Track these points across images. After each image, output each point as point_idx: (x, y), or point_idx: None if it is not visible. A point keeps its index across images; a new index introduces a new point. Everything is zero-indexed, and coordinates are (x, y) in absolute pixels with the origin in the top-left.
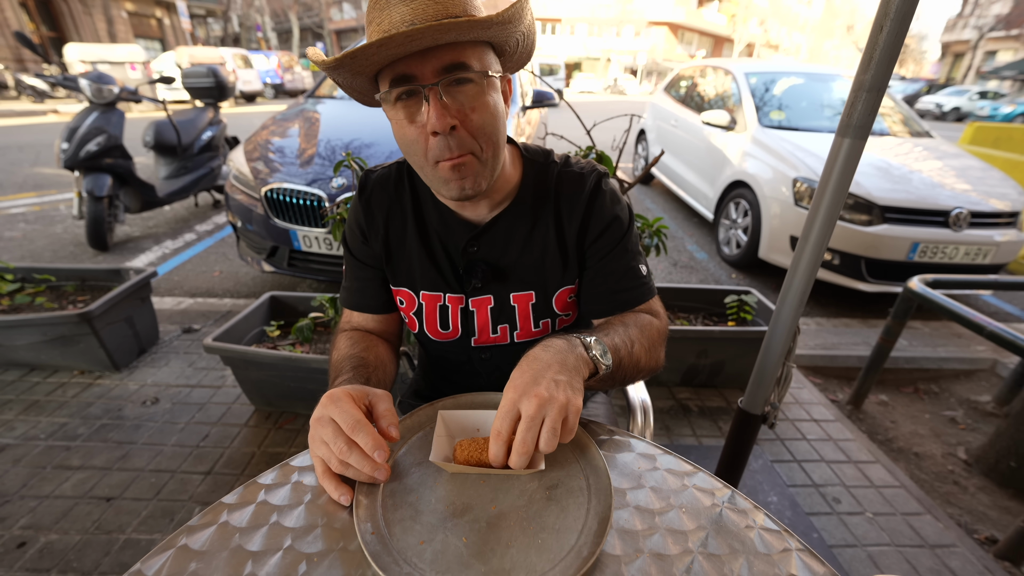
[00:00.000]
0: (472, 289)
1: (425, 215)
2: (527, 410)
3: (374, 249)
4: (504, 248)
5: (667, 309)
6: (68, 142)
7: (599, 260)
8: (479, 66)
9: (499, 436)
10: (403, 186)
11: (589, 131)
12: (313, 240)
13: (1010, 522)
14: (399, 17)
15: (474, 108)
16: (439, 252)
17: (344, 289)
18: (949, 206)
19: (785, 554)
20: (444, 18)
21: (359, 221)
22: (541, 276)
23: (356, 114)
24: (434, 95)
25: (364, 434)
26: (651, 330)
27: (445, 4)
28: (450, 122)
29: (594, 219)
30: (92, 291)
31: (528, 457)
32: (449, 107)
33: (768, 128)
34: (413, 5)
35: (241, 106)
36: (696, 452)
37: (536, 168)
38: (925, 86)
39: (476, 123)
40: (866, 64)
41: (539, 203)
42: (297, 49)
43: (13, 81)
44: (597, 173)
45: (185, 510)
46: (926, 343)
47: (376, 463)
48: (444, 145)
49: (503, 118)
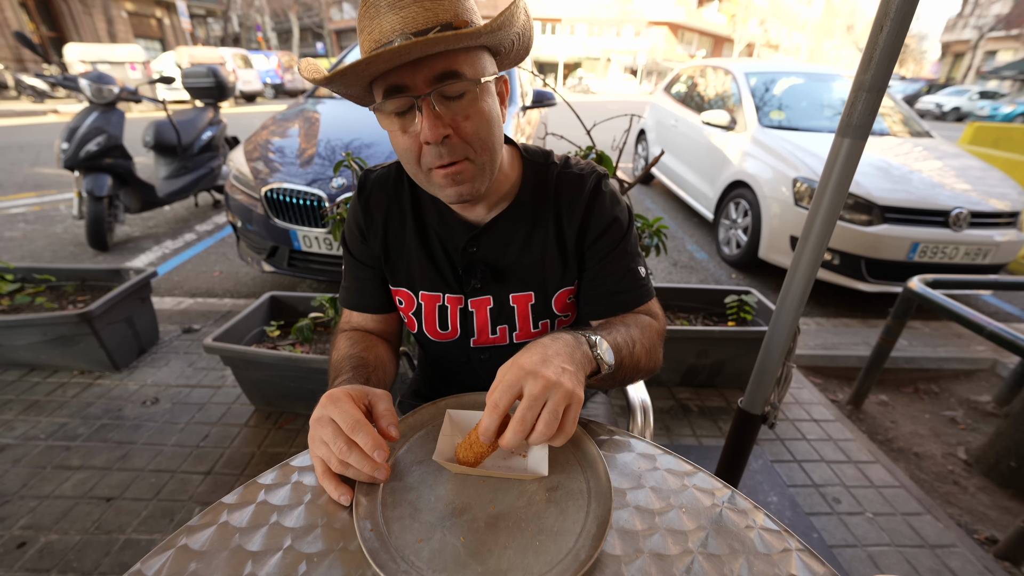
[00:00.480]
0: (471, 290)
1: (424, 215)
2: (531, 389)
3: (373, 249)
4: (503, 249)
5: (667, 309)
6: (68, 142)
7: (598, 261)
8: (472, 73)
9: (496, 408)
10: (402, 186)
11: (589, 131)
12: (313, 240)
13: (1010, 522)
14: (389, 26)
15: (468, 116)
16: (438, 252)
17: (343, 289)
18: (949, 206)
19: (785, 554)
20: (435, 25)
21: (358, 221)
22: (540, 277)
23: (356, 114)
24: (427, 105)
25: (364, 434)
26: (651, 331)
27: (435, 10)
28: (443, 132)
29: (594, 220)
30: (92, 291)
31: (523, 436)
32: (442, 117)
33: (768, 128)
34: (403, 14)
35: (241, 106)
36: (696, 452)
37: (536, 169)
38: (925, 86)
39: (470, 131)
40: (866, 64)
41: (539, 204)
42: (297, 49)
43: (13, 81)
44: (597, 174)
45: (185, 510)
46: (926, 343)
47: (376, 463)
48: (436, 153)
49: (498, 121)
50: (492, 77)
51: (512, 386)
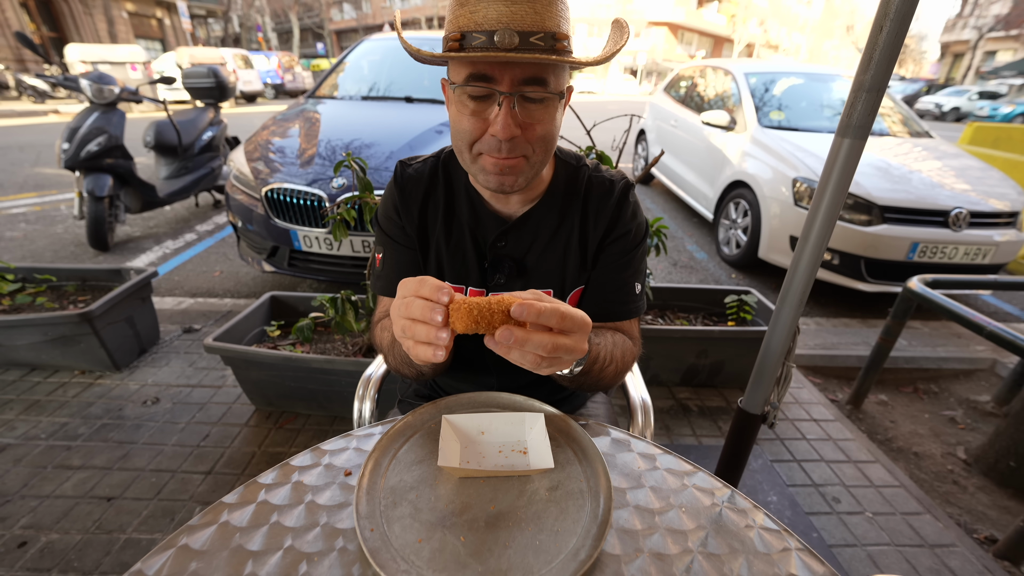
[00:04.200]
0: (495, 284)
1: (457, 208)
2: (549, 319)
3: (410, 232)
4: (530, 245)
5: (667, 309)
6: (69, 142)
7: (604, 266)
8: (555, 84)
9: (520, 302)
10: (437, 178)
11: (589, 131)
12: (313, 240)
13: (1009, 522)
14: (495, 14)
15: (541, 121)
16: (468, 245)
17: (379, 278)
18: (949, 206)
19: (785, 553)
20: (540, 31)
21: (395, 205)
22: (561, 275)
23: (356, 114)
24: (507, 104)
25: (428, 285)
26: (628, 358)
27: (543, 15)
28: (514, 132)
29: (618, 226)
30: (93, 291)
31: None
32: (518, 117)
33: (768, 128)
34: (513, 8)
35: (241, 106)
36: (696, 452)
37: (568, 169)
38: (925, 86)
39: (537, 135)
40: (866, 64)
41: (568, 203)
42: (297, 50)
43: (14, 81)
44: (626, 182)
45: (185, 510)
46: (926, 343)
47: (438, 305)
48: (497, 146)
49: (559, 128)
50: (566, 87)
51: (539, 298)
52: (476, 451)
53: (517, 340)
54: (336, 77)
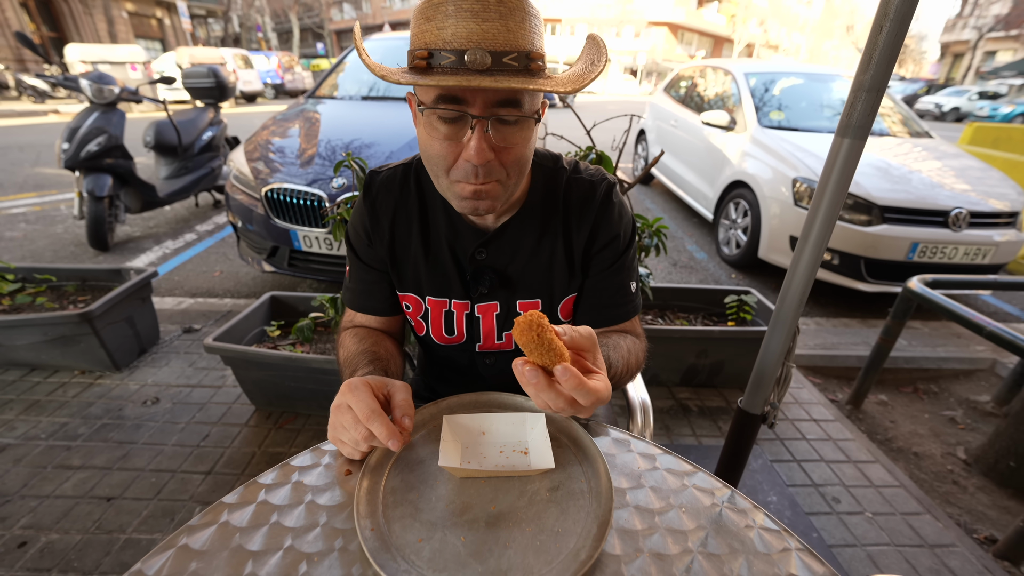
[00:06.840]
0: (478, 296)
1: (432, 219)
2: (583, 399)
3: (379, 252)
4: (512, 255)
5: (667, 309)
6: (69, 142)
7: (598, 272)
8: (530, 106)
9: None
10: (408, 188)
11: (589, 131)
12: (313, 240)
13: (1009, 522)
14: (465, 32)
15: (515, 143)
16: (446, 257)
17: (348, 289)
18: (948, 206)
19: (785, 554)
20: (513, 51)
21: (364, 224)
22: (548, 284)
23: (356, 114)
24: (480, 128)
25: (379, 424)
26: (639, 356)
27: (517, 34)
28: (489, 156)
29: (602, 230)
30: (93, 291)
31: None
32: (491, 140)
33: (768, 128)
34: (485, 27)
35: (241, 106)
36: (696, 452)
37: (545, 173)
38: (924, 86)
39: (512, 158)
40: (866, 64)
41: (548, 210)
42: (297, 50)
43: (14, 81)
44: (608, 182)
45: (185, 510)
46: (925, 343)
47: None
48: (472, 171)
49: (534, 147)
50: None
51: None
52: (477, 451)
53: (540, 386)
54: (336, 77)
